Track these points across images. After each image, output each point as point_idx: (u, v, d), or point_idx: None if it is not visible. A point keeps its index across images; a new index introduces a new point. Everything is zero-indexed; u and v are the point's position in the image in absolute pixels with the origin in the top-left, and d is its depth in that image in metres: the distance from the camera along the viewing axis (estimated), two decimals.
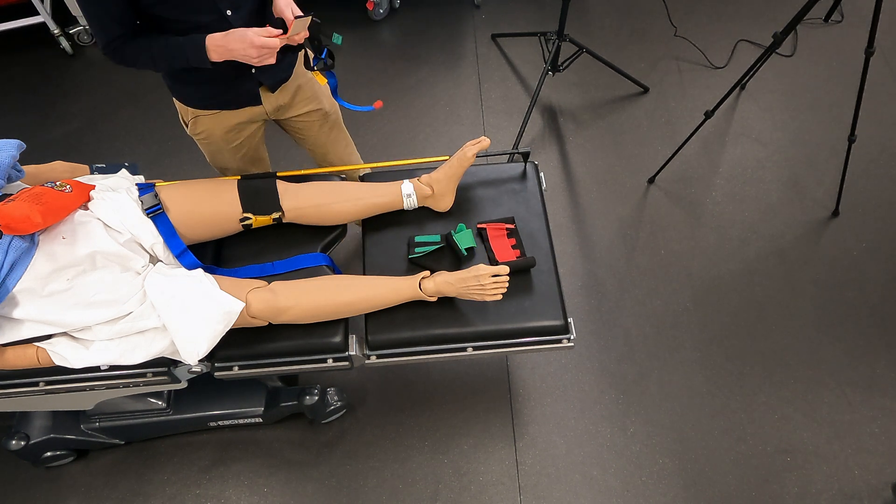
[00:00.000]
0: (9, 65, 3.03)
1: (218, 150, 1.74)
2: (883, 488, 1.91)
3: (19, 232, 1.28)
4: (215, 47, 1.36)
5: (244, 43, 1.33)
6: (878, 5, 1.89)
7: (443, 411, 2.06)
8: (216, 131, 1.67)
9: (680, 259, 2.36)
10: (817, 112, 2.73)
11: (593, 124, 2.73)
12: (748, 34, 3.00)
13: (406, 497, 1.92)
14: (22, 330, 1.33)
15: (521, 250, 1.64)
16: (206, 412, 1.91)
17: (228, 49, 1.35)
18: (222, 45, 1.35)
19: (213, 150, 1.76)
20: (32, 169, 1.52)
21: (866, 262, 2.33)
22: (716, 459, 1.96)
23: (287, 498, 1.93)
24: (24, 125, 2.82)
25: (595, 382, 2.11)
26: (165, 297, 1.36)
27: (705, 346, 2.17)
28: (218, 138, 1.69)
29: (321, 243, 1.69)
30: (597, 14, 3.12)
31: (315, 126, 1.81)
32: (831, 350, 2.16)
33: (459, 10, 3.16)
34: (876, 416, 2.03)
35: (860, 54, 2.06)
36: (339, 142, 1.93)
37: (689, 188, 2.53)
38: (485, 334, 1.55)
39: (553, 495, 1.92)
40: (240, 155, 1.78)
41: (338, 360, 1.57)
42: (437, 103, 2.82)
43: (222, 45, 1.35)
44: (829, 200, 2.47)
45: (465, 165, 1.63)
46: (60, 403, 1.70)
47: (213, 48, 1.36)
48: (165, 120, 2.81)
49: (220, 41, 1.35)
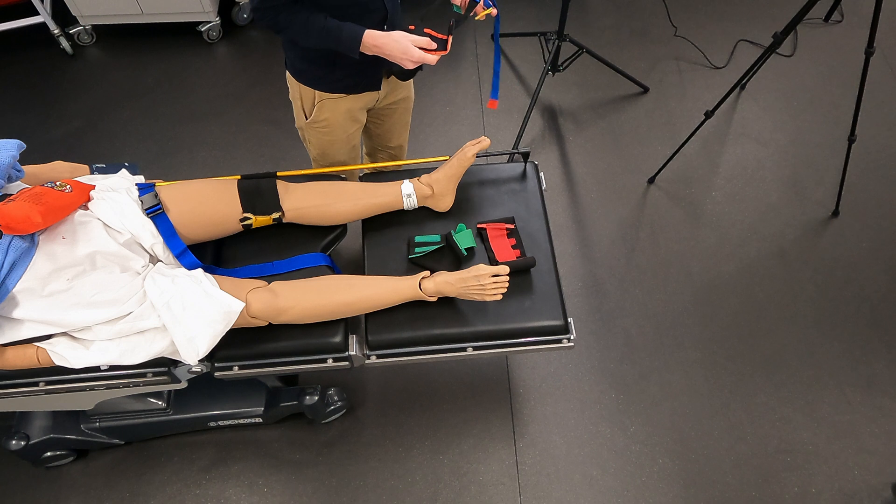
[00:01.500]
0: (9, 65, 3.03)
1: (334, 139, 1.76)
2: (883, 488, 1.91)
3: (19, 232, 1.28)
4: (372, 44, 1.40)
5: (404, 53, 1.39)
6: (878, 5, 1.89)
7: (443, 411, 2.06)
8: (338, 117, 1.70)
9: (680, 259, 2.36)
10: (817, 112, 2.73)
11: (593, 124, 2.73)
12: (748, 34, 3.00)
13: (406, 497, 1.92)
14: (22, 330, 1.33)
15: (521, 250, 1.64)
16: (206, 412, 1.91)
17: (385, 52, 1.40)
18: (379, 46, 1.40)
19: (328, 141, 1.77)
20: (32, 169, 1.52)
21: (866, 262, 2.33)
22: (716, 459, 1.96)
23: (287, 498, 1.93)
24: (24, 125, 2.82)
25: (595, 382, 2.11)
26: (165, 297, 1.36)
27: (705, 346, 2.17)
28: (337, 126, 1.72)
29: (321, 243, 1.69)
30: (597, 14, 3.13)
31: (398, 112, 1.86)
32: (831, 350, 2.16)
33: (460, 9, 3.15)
34: (876, 416, 2.03)
35: (860, 54, 2.06)
36: (407, 126, 1.97)
37: (689, 188, 2.53)
38: (485, 334, 1.55)
39: (553, 495, 1.92)
40: (350, 145, 1.82)
41: (338, 360, 1.57)
42: (437, 103, 2.82)
43: (380, 45, 1.40)
44: (829, 200, 2.48)
45: (465, 165, 1.63)
46: (60, 403, 1.70)
47: (370, 45, 1.40)
48: (165, 120, 2.81)
49: (378, 41, 1.40)
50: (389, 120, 1.89)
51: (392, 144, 2.00)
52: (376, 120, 1.88)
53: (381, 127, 1.91)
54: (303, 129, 1.77)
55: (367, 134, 1.98)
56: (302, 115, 1.73)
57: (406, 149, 2.09)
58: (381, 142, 2.00)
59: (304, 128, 1.76)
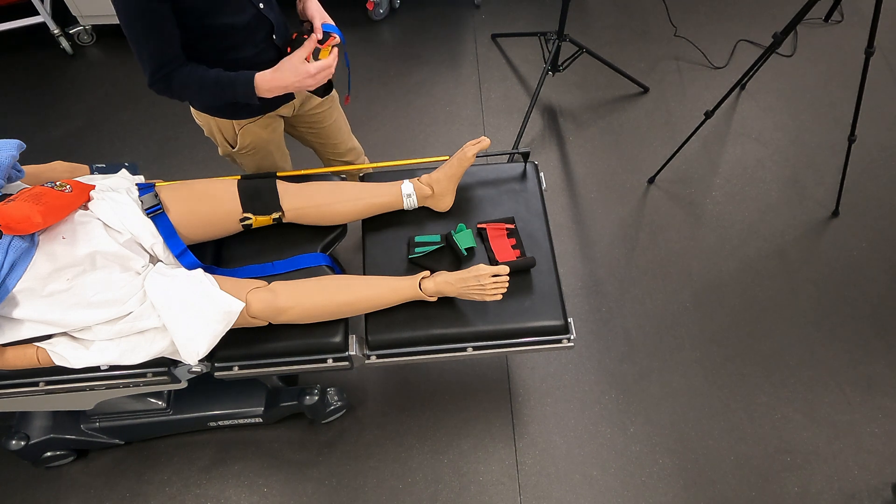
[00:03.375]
0: (9, 65, 3.03)
1: (265, 154, 1.75)
2: (883, 488, 1.91)
3: (19, 232, 1.28)
4: (266, 88, 1.39)
5: (299, 75, 1.37)
6: (878, 5, 1.89)
7: (443, 411, 2.06)
8: (263, 136, 1.69)
9: (680, 259, 2.36)
10: (817, 112, 2.73)
11: (593, 124, 2.73)
12: (748, 34, 3.00)
13: (406, 497, 1.92)
14: (22, 330, 1.33)
15: (521, 250, 1.64)
16: (206, 412, 1.91)
17: (282, 85, 1.38)
18: (274, 84, 1.38)
19: (260, 158, 1.76)
20: (32, 169, 1.52)
21: (866, 262, 2.33)
22: (716, 459, 1.96)
23: (287, 498, 1.93)
24: (24, 125, 2.83)
25: (595, 382, 2.11)
26: (165, 297, 1.36)
27: (705, 346, 2.17)
28: (264, 144, 1.71)
29: (321, 243, 1.69)
30: (597, 14, 3.13)
31: (328, 114, 1.82)
32: (831, 350, 2.16)
33: (459, 10, 3.16)
34: (876, 416, 2.03)
35: (860, 54, 2.06)
36: (346, 126, 1.94)
37: (689, 188, 2.53)
38: (485, 334, 1.55)
39: (553, 495, 1.92)
40: (281, 151, 1.81)
41: (338, 360, 1.57)
42: (437, 103, 2.82)
43: (274, 83, 1.38)
44: (829, 200, 2.47)
45: (465, 165, 1.63)
46: (60, 403, 1.70)
47: (265, 88, 1.39)
48: (165, 120, 2.81)
49: (270, 82, 1.38)
50: (322, 125, 1.84)
51: (341, 150, 1.95)
52: (311, 129, 1.84)
53: (319, 135, 1.87)
54: (231, 155, 1.74)
55: (312, 147, 1.94)
56: (226, 145, 1.70)
57: (361, 151, 2.03)
58: (328, 152, 1.95)
59: (233, 155, 1.73)
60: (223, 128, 1.64)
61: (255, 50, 1.47)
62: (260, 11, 1.43)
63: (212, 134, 1.68)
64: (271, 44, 1.50)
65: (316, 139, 1.89)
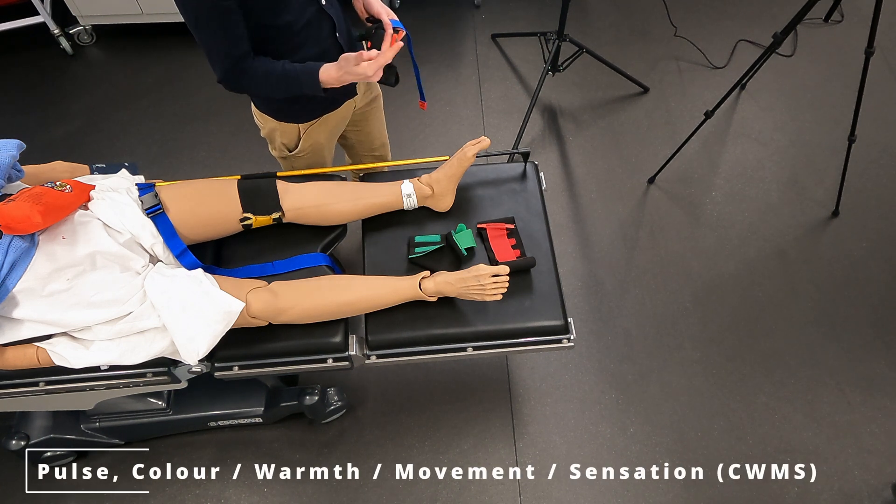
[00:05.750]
0: (9, 65, 3.03)
1: (320, 156, 1.77)
2: (883, 488, 1.91)
3: (19, 232, 1.28)
4: (329, 78, 1.40)
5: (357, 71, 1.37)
6: (878, 5, 1.90)
7: (443, 411, 2.06)
8: (321, 138, 1.71)
9: (680, 259, 2.36)
10: (817, 112, 2.73)
11: (593, 124, 2.73)
12: (748, 34, 3.00)
13: (406, 497, 1.92)
14: (22, 330, 1.33)
15: (521, 250, 1.64)
16: (206, 412, 1.91)
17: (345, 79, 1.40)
18: (337, 77, 1.40)
19: (314, 159, 1.77)
20: (32, 169, 1.52)
21: (866, 262, 2.33)
22: (716, 459, 1.96)
23: (287, 498, 1.93)
24: (24, 125, 2.82)
25: (595, 382, 2.11)
26: (165, 297, 1.36)
27: (705, 346, 2.17)
28: (324, 145, 1.73)
29: (321, 243, 1.69)
30: (597, 14, 3.13)
31: (374, 111, 1.86)
32: (831, 350, 2.16)
33: (459, 10, 3.16)
34: (876, 416, 2.03)
35: (860, 54, 2.06)
36: (384, 121, 1.96)
37: (689, 188, 2.53)
38: (485, 334, 1.55)
39: (553, 495, 1.92)
40: (330, 153, 1.83)
41: (338, 360, 1.57)
42: (437, 103, 2.82)
43: (337, 76, 1.39)
44: (829, 200, 2.47)
45: (465, 165, 1.63)
46: (60, 403, 1.70)
47: (327, 80, 1.40)
48: (165, 120, 2.81)
49: (333, 73, 1.39)
50: (368, 122, 1.88)
51: (376, 146, 1.99)
52: (356, 127, 1.87)
53: (361, 132, 1.90)
54: (287, 159, 1.76)
55: (348, 145, 1.97)
56: (284, 150, 1.72)
57: (389, 146, 2.07)
58: (364, 148, 1.98)
59: (290, 158, 1.75)
60: (286, 132, 1.67)
61: (320, 49, 1.49)
62: (322, 7, 1.45)
63: (271, 137, 1.71)
64: (335, 42, 1.52)
65: (357, 136, 1.91)
